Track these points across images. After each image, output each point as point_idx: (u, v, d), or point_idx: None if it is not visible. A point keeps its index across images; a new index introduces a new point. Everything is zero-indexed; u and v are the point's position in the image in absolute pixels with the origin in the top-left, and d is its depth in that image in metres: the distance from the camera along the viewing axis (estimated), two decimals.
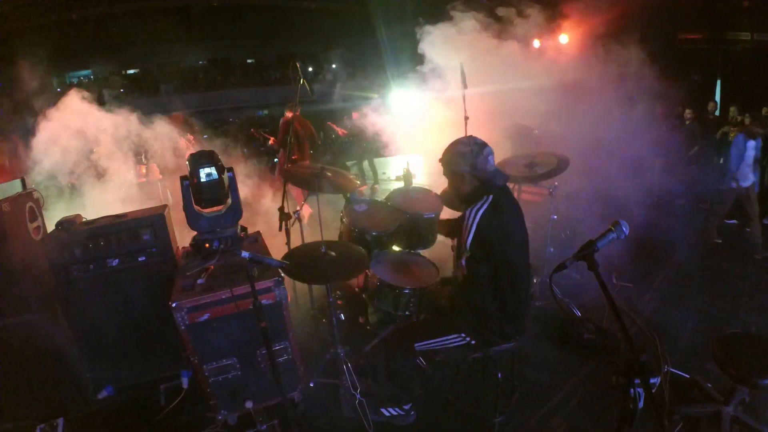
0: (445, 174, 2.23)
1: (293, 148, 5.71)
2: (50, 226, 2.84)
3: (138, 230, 2.70)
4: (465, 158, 2.10)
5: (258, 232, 3.03)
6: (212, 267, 2.47)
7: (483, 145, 2.13)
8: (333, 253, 2.36)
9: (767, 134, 4.62)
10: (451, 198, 2.55)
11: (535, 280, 3.54)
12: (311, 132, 6.05)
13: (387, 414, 2.41)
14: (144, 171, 7.00)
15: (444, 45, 4.85)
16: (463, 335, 2.19)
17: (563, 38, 5.76)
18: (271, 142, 6.33)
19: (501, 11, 5.12)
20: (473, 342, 2.20)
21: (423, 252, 3.11)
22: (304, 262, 2.32)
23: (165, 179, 6.20)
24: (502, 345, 2.22)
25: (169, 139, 5.13)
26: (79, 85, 15.55)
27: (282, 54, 19.42)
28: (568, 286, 3.39)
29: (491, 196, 2.07)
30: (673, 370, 2.59)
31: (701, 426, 2.29)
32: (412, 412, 2.42)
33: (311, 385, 2.64)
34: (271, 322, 2.24)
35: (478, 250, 2.05)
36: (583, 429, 2.39)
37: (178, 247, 2.94)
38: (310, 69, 17.80)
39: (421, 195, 3.57)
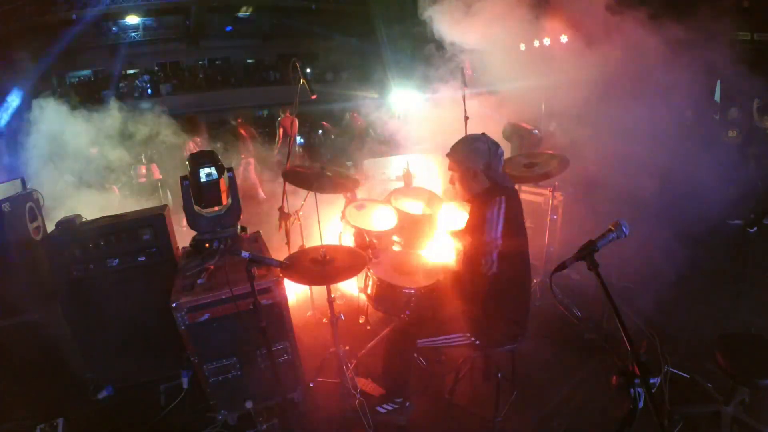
0: (452, 169, 2.19)
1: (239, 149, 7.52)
2: (50, 226, 2.83)
3: (138, 230, 2.70)
4: (482, 156, 2.08)
5: (258, 232, 3.03)
6: (212, 267, 2.47)
7: (497, 144, 2.12)
8: (332, 257, 2.36)
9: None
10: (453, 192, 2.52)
11: (535, 280, 3.55)
12: (252, 134, 8.02)
13: (383, 411, 2.41)
14: (144, 171, 7.02)
15: (460, 30, 4.56)
16: (467, 335, 2.19)
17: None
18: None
19: None
20: (477, 342, 2.20)
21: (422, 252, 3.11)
22: (304, 263, 2.31)
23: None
24: (505, 345, 2.22)
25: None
26: (79, 86, 15.59)
27: (282, 54, 19.41)
28: (568, 286, 3.39)
29: (504, 197, 2.06)
30: (673, 370, 2.59)
31: (701, 426, 2.29)
32: (407, 404, 2.42)
33: (311, 385, 2.64)
34: (271, 322, 2.24)
35: (509, 239, 2.02)
36: (583, 429, 2.39)
37: (178, 247, 2.94)
38: (308, 70, 17.78)
39: (421, 195, 3.57)
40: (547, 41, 5.81)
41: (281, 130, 8.22)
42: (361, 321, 3.32)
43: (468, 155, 2.11)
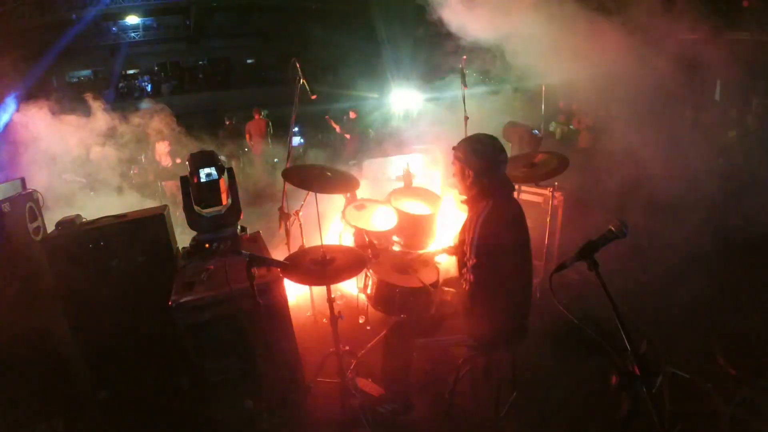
0: (454, 163, 2.21)
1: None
2: (50, 226, 2.83)
3: (138, 230, 2.70)
4: (479, 159, 2.07)
5: (258, 232, 3.03)
6: (212, 267, 2.47)
7: (501, 150, 2.10)
8: (332, 257, 2.36)
9: None
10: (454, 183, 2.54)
11: (535, 281, 3.54)
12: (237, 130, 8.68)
13: (383, 411, 2.41)
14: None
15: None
16: (467, 336, 2.19)
17: None
18: None
19: None
20: (477, 343, 2.20)
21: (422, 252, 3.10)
22: (304, 263, 2.32)
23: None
24: (505, 346, 2.22)
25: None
26: (79, 85, 15.59)
27: (282, 54, 19.40)
28: (568, 286, 3.38)
29: (492, 203, 2.06)
30: (673, 370, 2.59)
31: (701, 426, 2.29)
32: (408, 404, 2.42)
33: (311, 385, 2.64)
34: (271, 322, 2.24)
35: (483, 256, 2.02)
36: (583, 429, 2.39)
37: (178, 247, 2.94)
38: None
39: (421, 194, 3.57)
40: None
41: (248, 135, 8.68)
42: (361, 321, 3.32)
43: (467, 155, 2.11)
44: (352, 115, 8.74)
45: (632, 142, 4.61)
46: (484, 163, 2.07)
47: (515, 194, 3.70)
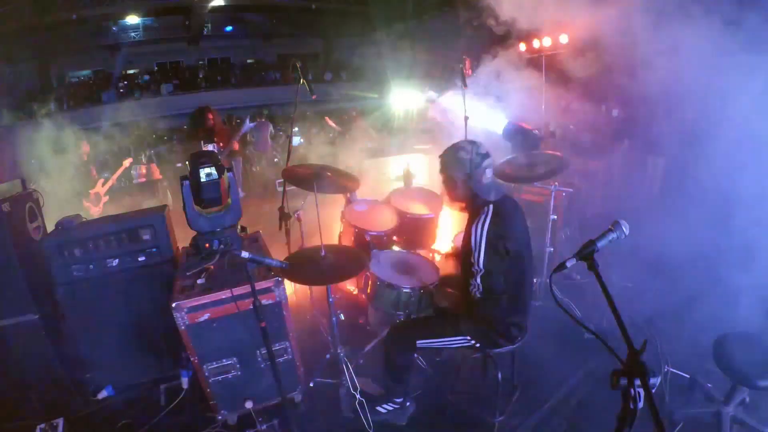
0: (440, 172, 2.22)
1: None
2: (50, 226, 2.83)
3: (138, 230, 2.70)
4: (463, 166, 2.07)
5: (258, 232, 3.03)
6: (212, 267, 2.47)
7: (485, 156, 2.08)
8: (332, 257, 2.36)
9: None
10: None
11: (535, 280, 3.55)
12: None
13: (384, 411, 2.41)
14: (144, 171, 7.04)
15: None
16: (467, 338, 2.19)
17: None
18: None
19: None
20: (477, 345, 2.20)
21: (422, 252, 3.11)
22: (304, 263, 2.32)
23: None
24: (505, 347, 2.22)
25: None
26: (79, 85, 15.59)
27: (282, 54, 19.41)
28: (568, 286, 3.38)
29: (491, 206, 2.06)
30: (673, 370, 2.59)
31: (701, 426, 2.29)
32: (408, 403, 2.42)
33: (311, 385, 2.64)
34: (271, 322, 2.24)
35: (491, 265, 2.02)
36: (583, 429, 2.39)
37: (178, 247, 2.94)
38: (310, 76, 17.78)
39: (421, 195, 3.57)
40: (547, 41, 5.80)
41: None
42: (361, 321, 3.33)
43: (450, 163, 2.12)
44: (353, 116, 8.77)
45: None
46: (467, 170, 2.06)
47: (515, 194, 3.72)
